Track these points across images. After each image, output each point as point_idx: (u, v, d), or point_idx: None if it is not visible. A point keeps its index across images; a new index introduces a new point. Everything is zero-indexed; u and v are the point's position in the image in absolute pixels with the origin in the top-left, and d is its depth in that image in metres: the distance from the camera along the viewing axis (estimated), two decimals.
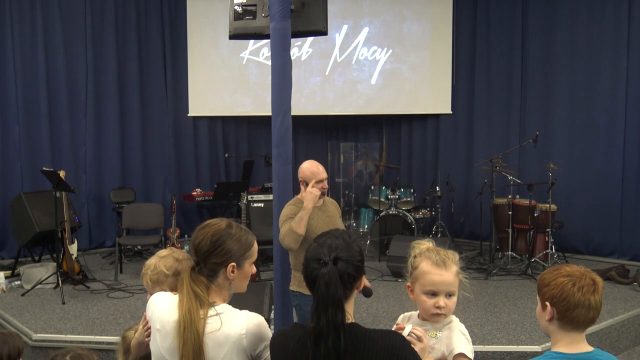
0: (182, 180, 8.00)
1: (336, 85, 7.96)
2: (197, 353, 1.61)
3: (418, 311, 1.81)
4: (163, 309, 1.74)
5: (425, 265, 1.71)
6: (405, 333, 1.60)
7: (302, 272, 1.57)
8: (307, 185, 3.34)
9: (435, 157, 8.07)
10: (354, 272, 1.51)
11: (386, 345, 1.44)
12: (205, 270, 1.73)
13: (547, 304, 1.57)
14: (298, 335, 1.52)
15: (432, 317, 1.72)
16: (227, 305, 1.73)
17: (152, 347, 1.75)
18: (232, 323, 1.66)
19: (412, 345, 1.53)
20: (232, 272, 1.73)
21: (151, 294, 1.93)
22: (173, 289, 1.95)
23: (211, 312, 1.67)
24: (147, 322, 1.83)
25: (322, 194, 3.39)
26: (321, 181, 3.36)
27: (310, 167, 3.39)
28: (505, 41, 7.35)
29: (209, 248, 1.71)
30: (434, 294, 1.69)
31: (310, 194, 3.24)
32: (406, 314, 1.88)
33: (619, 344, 4.44)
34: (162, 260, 2.04)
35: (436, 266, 1.69)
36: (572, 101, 6.80)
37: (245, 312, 1.71)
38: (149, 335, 1.80)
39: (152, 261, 2.06)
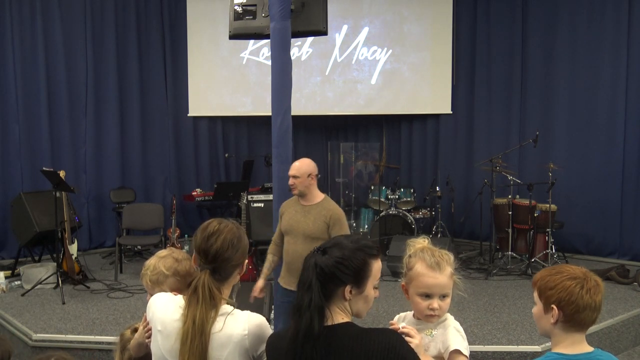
0: (182, 180, 8.00)
1: (336, 85, 7.96)
2: (202, 356, 1.61)
3: (413, 311, 1.81)
4: (164, 309, 1.73)
5: (419, 267, 1.71)
6: None
7: None
8: None
9: (435, 157, 8.07)
10: (329, 270, 1.50)
11: (383, 343, 1.44)
12: (223, 273, 1.72)
13: (554, 307, 1.57)
14: (289, 335, 1.52)
15: (425, 318, 1.73)
16: (229, 306, 1.73)
17: (153, 347, 1.75)
18: (234, 324, 1.66)
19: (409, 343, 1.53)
20: (240, 270, 1.78)
21: (151, 295, 1.92)
22: (173, 289, 1.95)
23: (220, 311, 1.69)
24: (147, 323, 1.82)
25: (291, 189, 3.47)
26: (289, 177, 3.44)
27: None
28: (505, 41, 7.35)
29: (230, 254, 1.70)
30: (427, 295, 1.70)
31: None
32: (401, 314, 1.89)
33: (619, 344, 4.44)
34: (161, 260, 2.04)
35: (430, 269, 1.69)
36: (572, 101, 6.80)
37: (247, 313, 1.71)
38: (149, 337, 1.80)
39: (151, 261, 2.05)
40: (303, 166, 3.41)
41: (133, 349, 1.96)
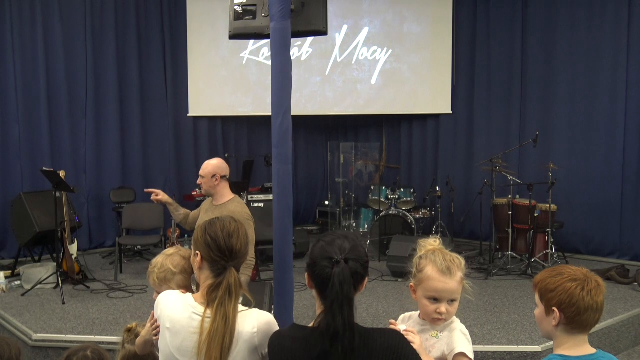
0: (182, 180, 7.99)
1: (336, 85, 7.96)
2: (228, 352, 1.63)
3: (419, 311, 1.81)
4: (172, 307, 1.74)
5: (430, 270, 1.69)
6: None
7: (309, 269, 1.55)
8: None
9: (435, 157, 8.07)
10: (363, 272, 1.53)
11: (386, 344, 1.44)
12: (238, 269, 1.78)
13: (555, 309, 1.56)
14: (296, 336, 1.52)
15: (432, 321, 1.73)
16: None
17: (161, 345, 1.75)
18: (243, 321, 1.68)
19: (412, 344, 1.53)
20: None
21: (158, 293, 1.93)
22: (181, 286, 1.96)
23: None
24: (155, 321, 1.82)
25: (202, 188, 3.55)
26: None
27: None
28: (505, 41, 7.35)
29: (246, 250, 1.78)
30: (436, 299, 1.69)
31: None
32: (407, 314, 1.88)
33: (619, 344, 4.44)
34: (169, 258, 2.04)
35: (441, 273, 1.67)
36: (572, 101, 6.80)
37: (256, 311, 1.73)
38: (156, 334, 1.81)
39: (158, 259, 2.06)
40: (208, 167, 3.49)
41: (139, 347, 1.96)
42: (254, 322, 1.68)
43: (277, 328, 1.72)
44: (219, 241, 1.72)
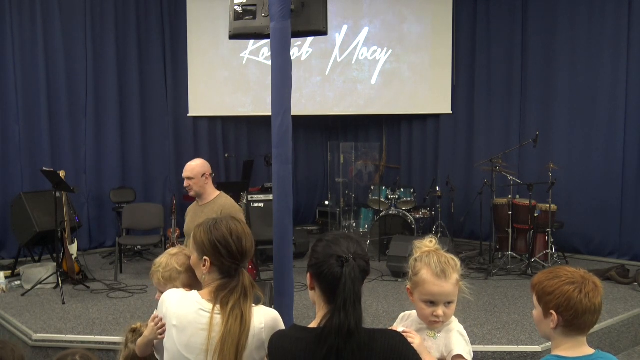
0: (182, 180, 7.94)
1: (336, 85, 7.96)
2: (241, 349, 1.65)
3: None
4: (179, 304, 1.74)
5: (425, 274, 1.68)
6: None
7: (313, 268, 1.54)
8: None
9: (435, 157, 8.07)
10: (368, 269, 1.55)
11: (386, 344, 1.44)
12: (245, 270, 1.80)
13: (553, 312, 1.56)
14: (298, 337, 1.52)
15: (429, 324, 1.73)
16: None
17: (167, 343, 1.75)
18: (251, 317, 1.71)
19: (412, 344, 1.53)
20: None
21: (161, 292, 1.93)
22: (185, 285, 1.97)
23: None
24: (160, 320, 1.82)
25: (190, 191, 3.56)
26: (184, 179, 3.54)
27: None
28: (505, 41, 7.35)
29: (254, 245, 1.80)
30: (432, 302, 1.68)
31: None
32: (406, 313, 1.88)
33: (619, 344, 4.44)
34: (173, 257, 2.06)
35: (436, 277, 1.66)
36: (572, 101, 6.80)
37: (262, 307, 1.76)
38: (161, 333, 1.81)
39: (162, 259, 2.07)
40: (197, 167, 3.51)
41: (140, 348, 1.95)
42: (261, 318, 1.71)
43: (282, 324, 1.74)
44: (230, 247, 1.72)
